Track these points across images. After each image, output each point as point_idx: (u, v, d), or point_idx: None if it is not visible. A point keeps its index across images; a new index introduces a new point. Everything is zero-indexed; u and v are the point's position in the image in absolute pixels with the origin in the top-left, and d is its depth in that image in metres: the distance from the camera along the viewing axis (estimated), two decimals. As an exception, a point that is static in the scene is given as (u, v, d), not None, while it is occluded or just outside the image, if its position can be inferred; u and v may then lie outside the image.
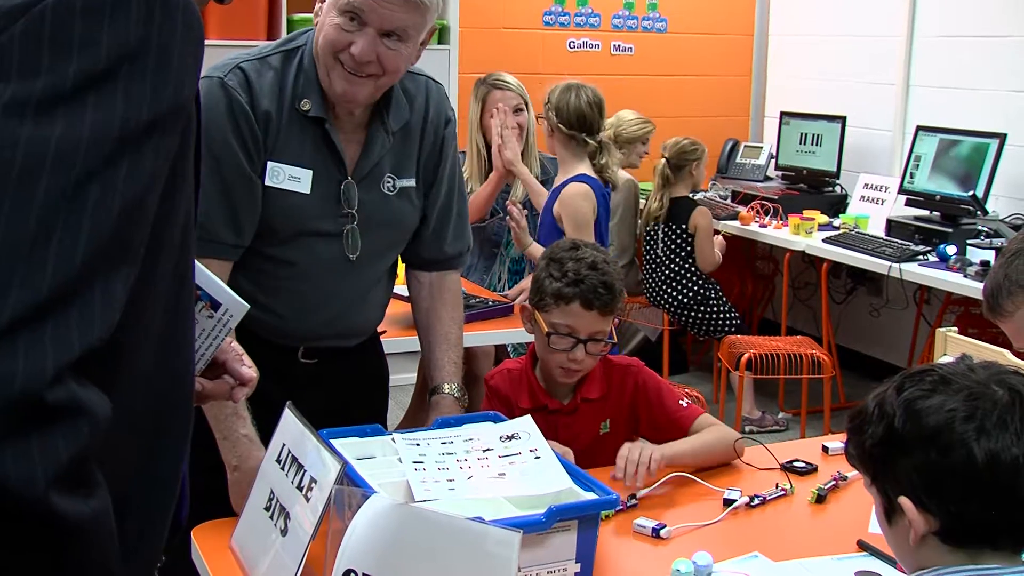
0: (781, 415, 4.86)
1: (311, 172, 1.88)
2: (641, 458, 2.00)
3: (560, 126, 3.40)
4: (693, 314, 4.88)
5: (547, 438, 2.08)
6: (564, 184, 3.42)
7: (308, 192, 1.88)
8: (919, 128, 4.78)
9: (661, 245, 4.91)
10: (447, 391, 2.04)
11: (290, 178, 1.87)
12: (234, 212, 1.82)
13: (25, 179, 0.71)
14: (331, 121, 1.90)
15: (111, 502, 0.81)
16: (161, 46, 0.77)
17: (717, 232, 4.97)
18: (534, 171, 3.74)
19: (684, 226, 4.83)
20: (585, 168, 3.44)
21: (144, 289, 0.85)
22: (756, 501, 1.95)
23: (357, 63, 1.82)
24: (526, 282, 3.57)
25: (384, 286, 2.09)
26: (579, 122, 3.40)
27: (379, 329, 2.20)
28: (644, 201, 5.10)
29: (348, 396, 2.05)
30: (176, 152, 0.83)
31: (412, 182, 2.03)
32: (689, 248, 4.85)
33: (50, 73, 0.72)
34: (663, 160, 4.86)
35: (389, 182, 1.99)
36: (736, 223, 5.11)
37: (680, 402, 2.20)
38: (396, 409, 4.91)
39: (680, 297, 4.87)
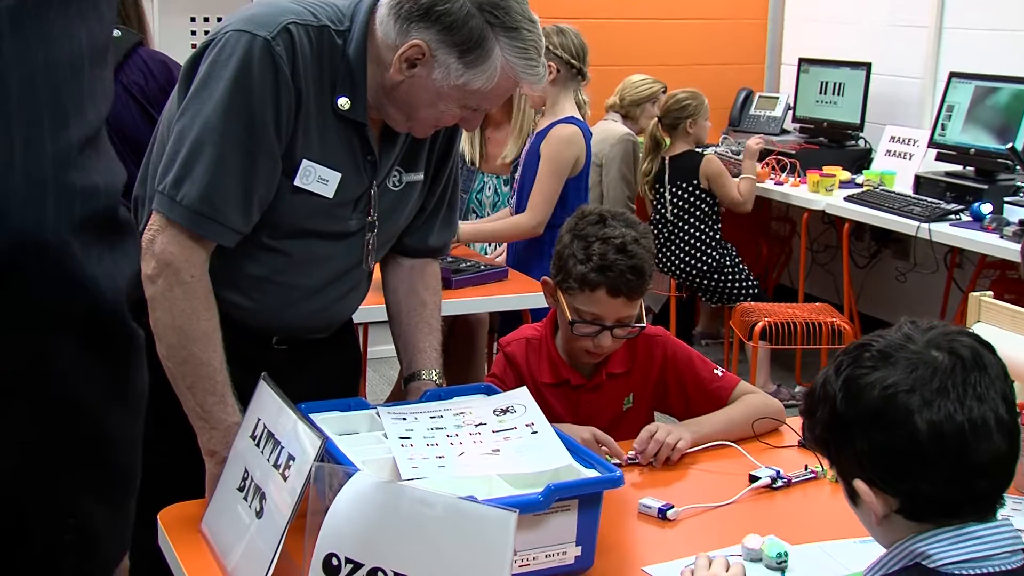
0: (798, 389, 4.88)
1: (339, 176, 1.85)
2: (668, 439, 2.02)
3: (572, 61, 3.65)
4: (707, 281, 4.89)
5: (568, 414, 2.11)
6: (553, 124, 3.59)
7: (331, 196, 1.85)
8: (952, 75, 4.76)
9: (670, 208, 4.90)
10: (426, 377, 2.04)
11: (319, 180, 1.83)
12: (249, 195, 1.76)
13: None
14: (369, 126, 1.87)
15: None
16: None
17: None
18: (526, 127, 3.80)
19: (695, 181, 4.83)
20: (573, 109, 3.66)
21: None
22: (780, 483, 1.96)
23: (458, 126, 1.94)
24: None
25: (367, 280, 2.09)
26: (584, 54, 3.70)
27: None
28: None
29: (322, 380, 2.06)
30: None
31: (420, 176, 2.01)
32: (705, 207, 4.85)
33: None
34: (654, 121, 4.85)
35: (395, 176, 1.97)
36: (750, 180, 5.11)
37: (715, 371, 2.22)
38: (381, 383, 4.92)
39: (695, 263, 4.87)
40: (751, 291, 4.89)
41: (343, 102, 1.82)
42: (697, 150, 4.93)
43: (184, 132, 1.73)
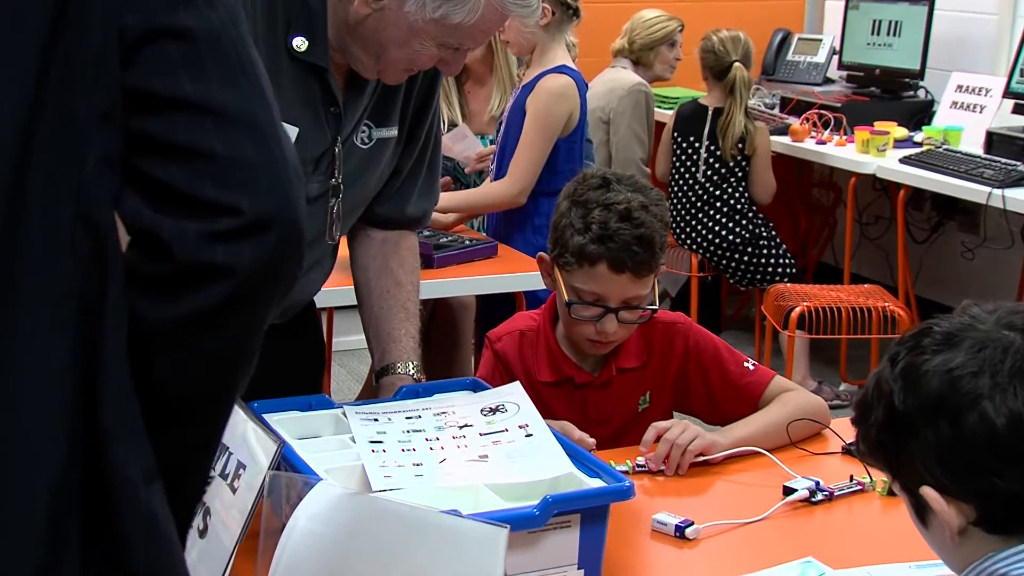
0: (844, 387, 4.90)
1: (296, 131, 1.84)
2: (680, 439, 2.03)
3: (568, 1, 3.66)
4: (738, 257, 4.91)
5: (572, 417, 2.11)
6: (541, 75, 3.59)
7: None
8: (1031, 10, 4.76)
9: (703, 167, 4.92)
10: (402, 371, 2.06)
11: None
12: None
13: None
14: (331, 71, 1.88)
15: None
16: None
17: None
18: (510, 81, 3.83)
19: (740, 145, 4.86)
20: (565, 57, 3.67)
21: None
22: (820, 496, 1.97)
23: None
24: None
25: (331, 256, 2.10)
26: None
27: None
28: (671, 113, 5.11)
29: (278, 375, 2.07)
30: None
31: (393, 132, 2.02)
32: (740, 174, 4.87)
33: None
34: (737, 68, 4.84)
35: (364, 132, 1.98)
36: (786, 139, 5.12)
37: (745, 364, 2.24)
38: (348, 379, 4.93)
39: (726, 233, 4.89)
40: (787, 270, 4.91)
41: (299, 42, 1.83)
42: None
43: None
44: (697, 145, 4.95)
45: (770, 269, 4.91)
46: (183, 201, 1.04)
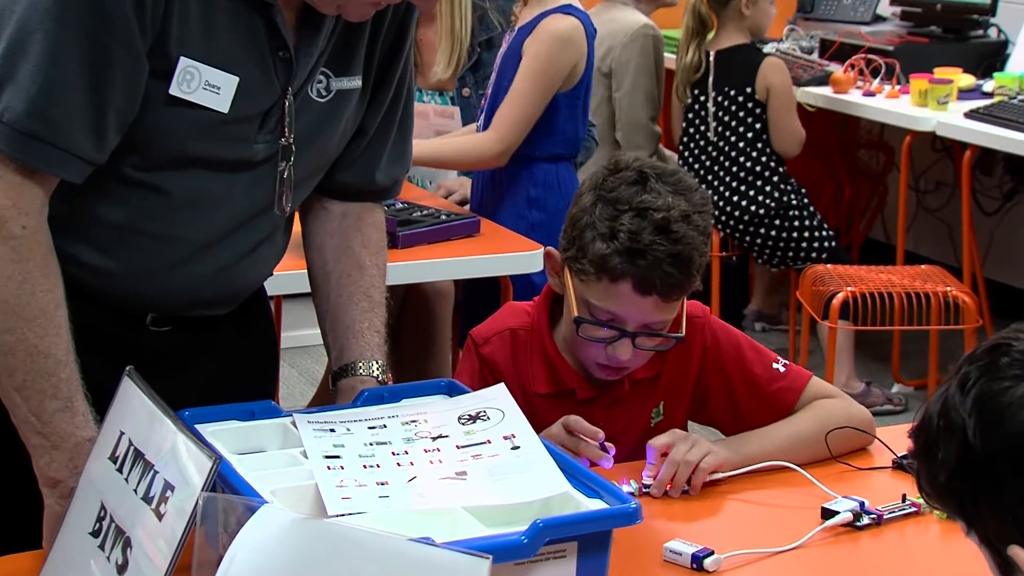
0: (897, 388, 4.92)
1: (236, 80, 1.85)
2: (689, 456, 2.04)
3: None
4: (764, 231, 4.91)
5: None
6: (543, 15, 3.57)
7: (225, 110, 1.85)
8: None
9: (713, 124, 4.92)
10: (364, 371, 2.05)
11: (207, 87, 1.83)
12: (102, 106, 1.76)
13: None
14: (279, 6, 1.86)
15: None
16: None
17: None
18: (459, 30, 3.84)
19: (749, 90, 4.85)
20: None
21: None
22: (866, 520, 1.98)
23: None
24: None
25: (285, 230, 2.10)
26: None
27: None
28: (676, 58, 5.12)
29: (217, 377, 2.07)
30: None
31: (356, 82, 2.01)
32: (758, 126, 4.87)
33: None
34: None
35: (321, 82, 1.97)
36: (827, 90, 5.12)
37: (775, 366, 2.23)
38: (301, 382, 4.94)
39: (748, 205, 4.89)
40: (826, 246, 4.91)
41: None
42: (755, 45, 4.94)
43: (2, 15, 1.74)
44: (703, 98, 4.94)
45: (804, 245, 4.90)
46: None
